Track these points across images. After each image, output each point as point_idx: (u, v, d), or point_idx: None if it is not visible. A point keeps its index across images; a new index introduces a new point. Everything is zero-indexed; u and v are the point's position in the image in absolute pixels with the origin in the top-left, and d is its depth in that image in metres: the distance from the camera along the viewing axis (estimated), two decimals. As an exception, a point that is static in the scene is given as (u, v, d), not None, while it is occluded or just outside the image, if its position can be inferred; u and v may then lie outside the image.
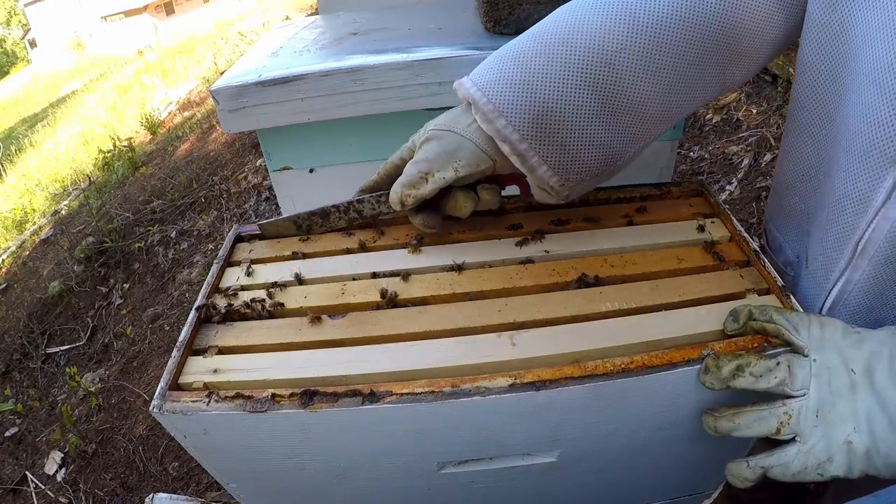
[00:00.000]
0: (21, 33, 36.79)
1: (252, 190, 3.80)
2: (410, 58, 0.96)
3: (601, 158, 0.67)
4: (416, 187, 0.67)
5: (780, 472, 0.54)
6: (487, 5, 1.02)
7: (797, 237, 0.75)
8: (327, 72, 0.96)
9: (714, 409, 0.58)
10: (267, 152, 1.09)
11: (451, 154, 0.66)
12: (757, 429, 0.54)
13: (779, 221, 0.80)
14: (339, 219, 0.81)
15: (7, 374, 3.22)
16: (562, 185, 0.67)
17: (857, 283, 0.61)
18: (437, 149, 0.66)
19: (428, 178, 0.66)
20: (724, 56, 0.65)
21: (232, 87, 0.98)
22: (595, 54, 0.61)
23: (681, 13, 0.61)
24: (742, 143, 2.49)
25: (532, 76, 0.62)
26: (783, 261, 0.80)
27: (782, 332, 0.56)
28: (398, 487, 0.72)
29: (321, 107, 0.99)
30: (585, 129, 0.64)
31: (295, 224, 0.82)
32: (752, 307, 0.58)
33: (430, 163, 0.66)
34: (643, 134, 0.68)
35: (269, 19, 9.53)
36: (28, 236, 4.90)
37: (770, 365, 0.54)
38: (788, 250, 0.78)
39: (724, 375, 0.55)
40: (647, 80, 0.63)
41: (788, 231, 0.78)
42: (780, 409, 0.53)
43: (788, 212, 0.76)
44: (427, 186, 0.67)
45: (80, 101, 11.20)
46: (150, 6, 26.99)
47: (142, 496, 2.20)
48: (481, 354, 0.62)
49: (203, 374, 0.64)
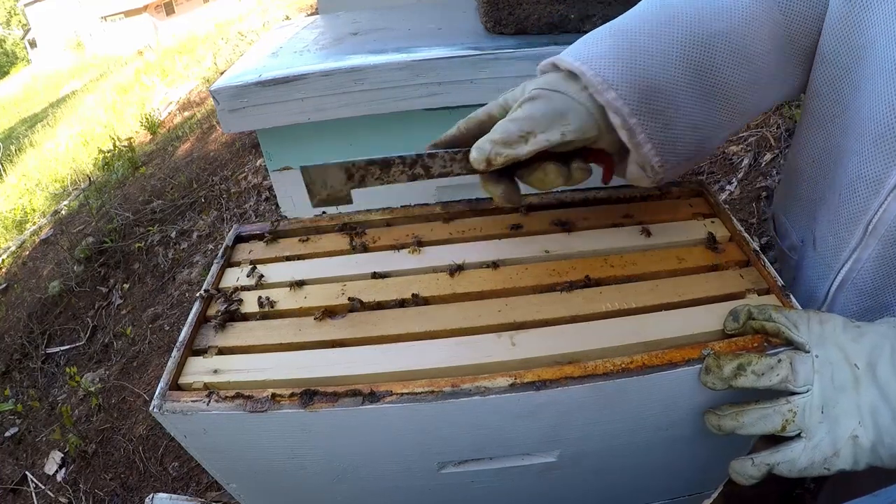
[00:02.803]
0: (21, 33, 36.80)
1: (252, 190, 3.80)
2: (410, 58, 0.96)
3: (696, 142, 0.66)
4: (512, 147, 0.59)
5: (786, 469, 0.54)
6: (487, 5, 1.02)
7: (804, 221, 0.76)
8: (327, 72, 0.96)
9: (717, 407, 0.58)
10: (267, 152, 1.09)
11: (560, 116, 0.60)
12: (762, 426, 0.54)
13: (787, 207, 0.81)
14: (401, 173, 0.69)
15: (7, 374, 3.22)
16: (661, 165, 0.64)
17: (867, 262, 0.63)
18: (544, 108, 0.60)
19: (529, 138, 0.59)
20: (803, 56, 0.67)
21: (232, 87, 0.98)
22: (694, 36, 0.62)
23: (767, 7, 0.64)
24: (742, 143, 2.49)
25: (637, 53, 0.61)
26: (788, 245, 0.81)
27: (782, 329, 0.56)
28: (398, 487, 0.72)
29: (321, 107, 0.99)
30: (686, 110, 0.63)
31: (346, 172, 0.68)
32: (751, 307, 0.58)
33: (534, 122, 0.60)
34: (730, 123, 0.68)
35: (269, 19, 9.53)
36: (28, 236, 4.90)
37: (772, 363, 0.54)
38: (794, 235, 0.79)
39: (725, 375, 0.55)
40: (740, 67, 0.63)
41: (796, 216, 0.79)
42: (785, 407, 0.53)
43: (797, 197, 0.77)
44: (525, 147, 0.59)
45: (80, 101, 11.20)
46: (150, 6, 26.99)
47: (142, 496, 2.20)
48: (481, 354, 0.62)
49: (203, 374, 0.64)
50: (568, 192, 0.89)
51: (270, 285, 0.75)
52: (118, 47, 20.17)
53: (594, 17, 1.00)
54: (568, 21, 1.01)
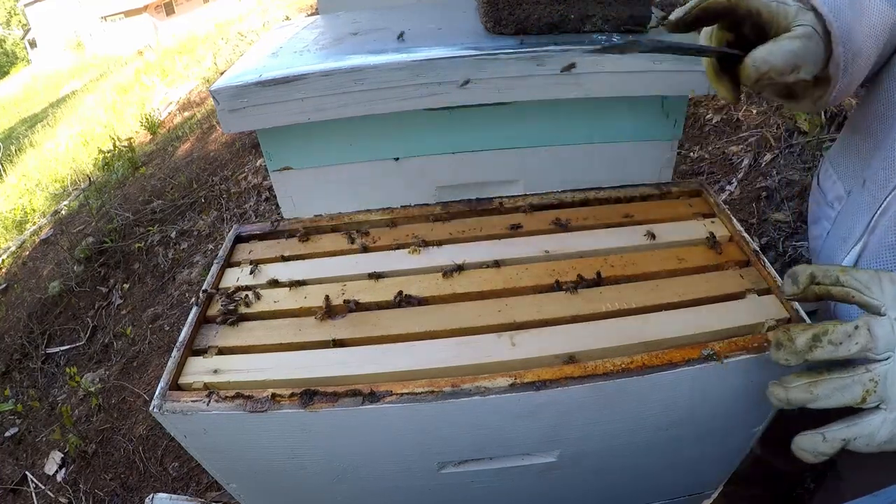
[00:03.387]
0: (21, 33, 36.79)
1: (252, 190, 3.80)
2: (410, 58, 0.96)
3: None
4: (782, 75, 0.62)
5: (863, 444, 0.51)
6: (487, 5, 1.02)
7: (855, 170, 0.78)
8: (327, 72, 0.96)
9: (784, 378, 0.54)
10: (267, 152, 1.09)
11: (816, 58, 0.63)
12: (839, 398, 0.51)
13: (838, 160, 0.83)
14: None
15: (7, 374, 3.22)
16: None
17: None
18: (814, 49, 0.64)
19: (796, 71, 0.63)
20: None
21: (232, 88, 0.98)
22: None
23: None
24: (742, 143, 2.49)
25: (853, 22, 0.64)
26: (833, 196, 0.83)
27: (852, 293, 0.53)
28: (398, 487, 0.72)
29: (321, 107, 0.99)
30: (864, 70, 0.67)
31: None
32: (814, 268, 0.55)
33: (804, 59, 0.63)
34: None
35: (269, 19, 9.53)
36: (28, 236, 4.90)
37: (849, 330, 0.51)
38: (841, 186, 0.81)
39: (799, 348, 0.51)
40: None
41: (847, 168, 0.80)
42: (865, 376, 0.50)
43: (852, 152, 0.79)
44: (790, 77, 0.63)
45: (80, 101, 11.20)
46: (150, 6, 26.98)
47: (142, 496, 2.20)
48: (481, 354, 0.62)
49: (203, 374, 0.64)
50: (568, 192, 0.89)
51: (270, 285, 0.75)
52: (118, 47, 20.17)
53: (594, 17, 1.00)
54: (568, 21, 1.01)
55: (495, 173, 1.11)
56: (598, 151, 1.08)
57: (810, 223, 0.88)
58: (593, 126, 1.06)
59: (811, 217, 0.89)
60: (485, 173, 1.11)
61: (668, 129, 1.07)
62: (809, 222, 0.89)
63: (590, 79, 0.96)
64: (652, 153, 1.09)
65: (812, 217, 0.89)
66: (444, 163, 1.09)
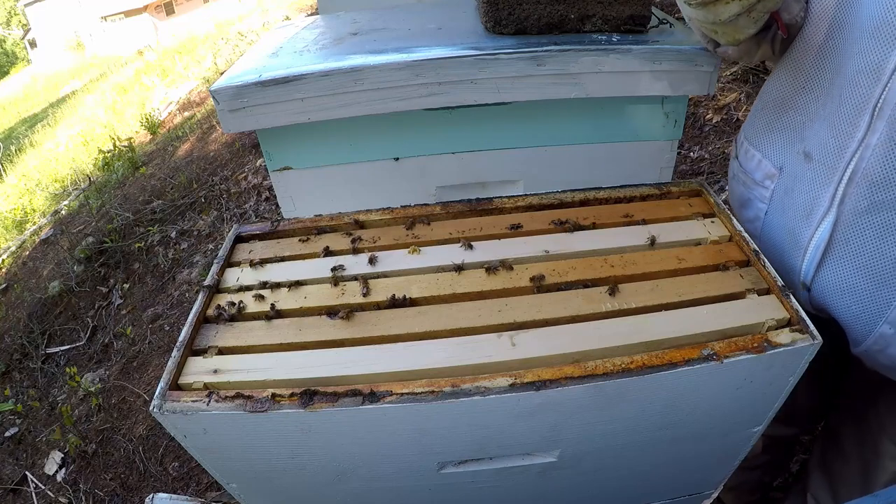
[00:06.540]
0: (21, 33, 36.79)
1: (252, 190, 3.80)
2: (410, 58, 0.96)
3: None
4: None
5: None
6: (487, 5, 1.02)
7: (782, 148, 0.79)
8: (327, 72, 0.96)
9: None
10: (267, 152, 1.09)
11: None
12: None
13: (759, 139, 0.85)
14: None
15: (7, 374, 3.22)
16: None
17: (876, 147, 0.64)
18: None
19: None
20: None
21: (232, 88, 0.98)
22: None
23: None
24: (742, 143, 2.48)
25: None
26: (763, 175, 0.83)
27: None
28: (398, 487, 0.72)
29: (321, 107, 0.99)
30: None
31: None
32: None
33: None
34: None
35: (269, 19, 9.52)
36: (28, 236, 4.90)
37: None
38: (769, 164, 0.82)
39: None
40: None
41: (772, 145, 0.82)
42: None
43: (778, 128, 0.81)
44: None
45: (80, 101, 11.19)
46: (150, 6, 26.98)
47: (142, 496, 2.20)
48: (481, 354, 0.62)
49: (203, 374, 0.64)
50: (568, 192, 0.89)
51: (270, 285, 0.75)
52: (118, 47, 20.17)
53: (594, 17, 1.00)
54: (568, 21, 1.01)
55: (495, 173, 1.11)
56: (598, 151, 1.08)
57: (738, 207, 0.89)
58: (593, 126, 1.06)
59: (738, 201, 0.89)
60: (485, 173, 1.11)
61: (668, 129, 1.07)
62: (737, 206, 0.89)
63: (590, 79, 0.97)
64: (652, 153, 1.09)
65: (739, 201, 0.89)
66: (444, 163, 1.09)
